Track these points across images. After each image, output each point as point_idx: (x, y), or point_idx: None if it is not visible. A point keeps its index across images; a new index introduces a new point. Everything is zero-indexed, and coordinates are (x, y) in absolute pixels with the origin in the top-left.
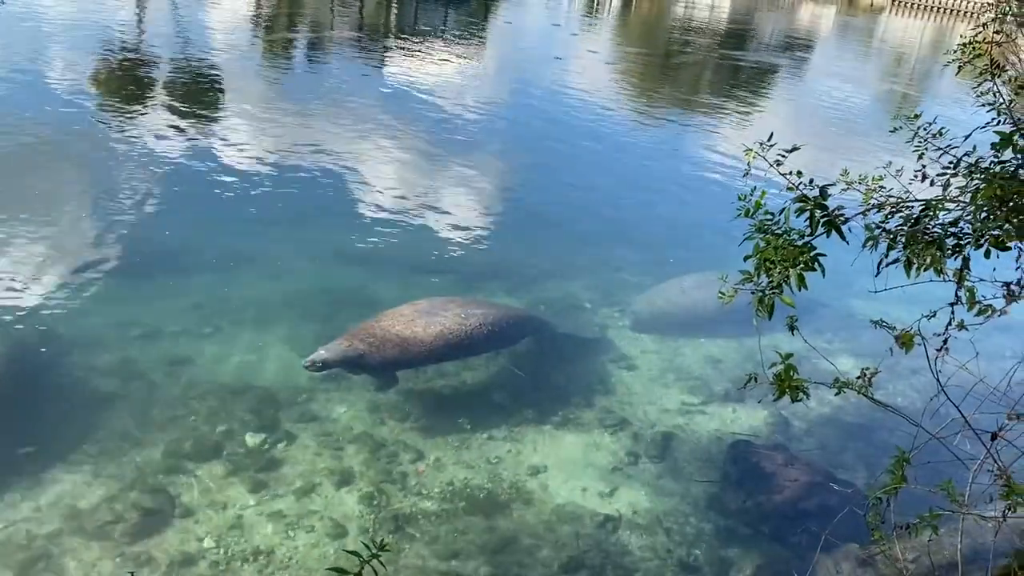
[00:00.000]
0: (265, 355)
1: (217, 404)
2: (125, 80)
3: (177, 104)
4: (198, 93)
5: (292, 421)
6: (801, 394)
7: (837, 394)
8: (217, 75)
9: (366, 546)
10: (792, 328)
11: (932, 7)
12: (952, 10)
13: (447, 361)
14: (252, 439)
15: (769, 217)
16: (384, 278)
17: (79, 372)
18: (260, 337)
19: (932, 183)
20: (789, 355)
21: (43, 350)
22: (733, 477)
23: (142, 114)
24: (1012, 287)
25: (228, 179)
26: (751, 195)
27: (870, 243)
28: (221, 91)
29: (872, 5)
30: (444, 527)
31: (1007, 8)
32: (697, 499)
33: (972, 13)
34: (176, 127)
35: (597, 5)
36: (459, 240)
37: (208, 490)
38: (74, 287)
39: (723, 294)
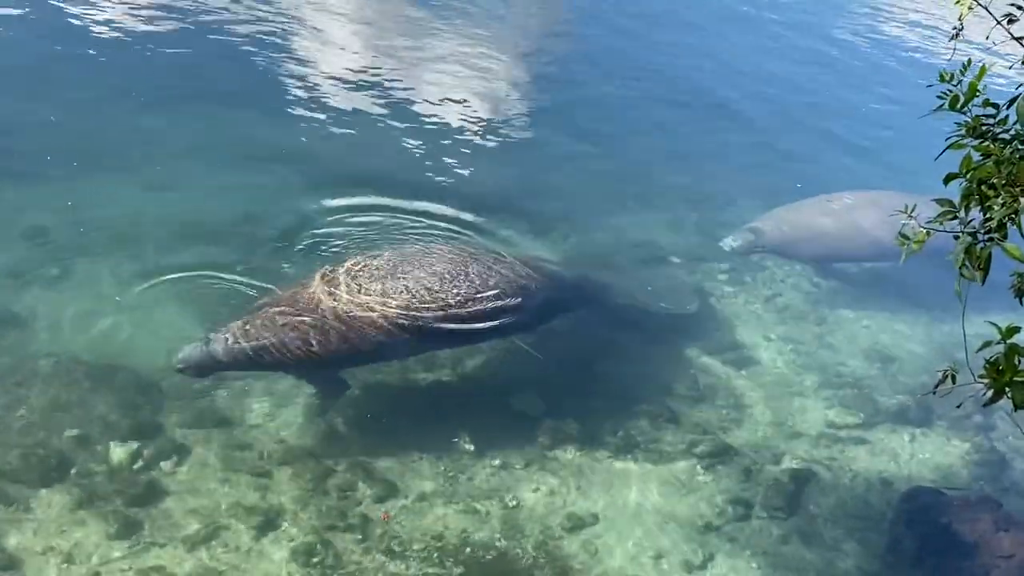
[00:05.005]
0: (142, 317)
1: (66, 393)
2: None
3: None
4: None
5: (184, 425)
6: None
7: None
8: None
9: None
10: (1021, 296)
11: None
12: None
13: (429, 352)
14: (119, 451)
15: (991, 111)
16: (329, 198)
17: None
18: (134, 286)
19: None
20: (1015, 329)
21: None
22: (908, 547)
23: None
24: None
25: (96, 38)
26: (962, 75)
27: None
28: None
29: None
30: None
31: None
32: None
33: None
34: None
35: None
36: (466, 146)
37: (46, 532)
38: None
39: (906, 238)
